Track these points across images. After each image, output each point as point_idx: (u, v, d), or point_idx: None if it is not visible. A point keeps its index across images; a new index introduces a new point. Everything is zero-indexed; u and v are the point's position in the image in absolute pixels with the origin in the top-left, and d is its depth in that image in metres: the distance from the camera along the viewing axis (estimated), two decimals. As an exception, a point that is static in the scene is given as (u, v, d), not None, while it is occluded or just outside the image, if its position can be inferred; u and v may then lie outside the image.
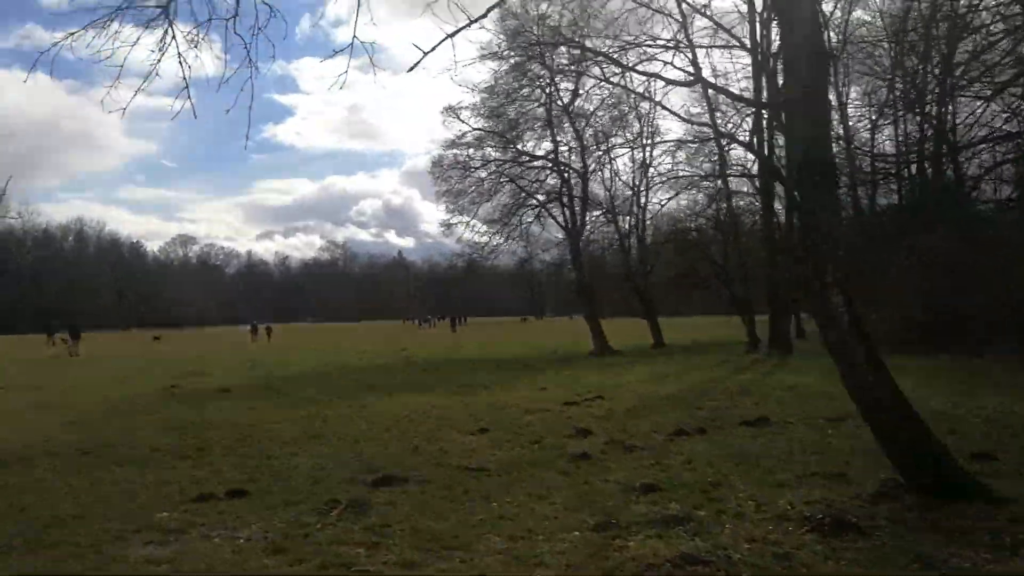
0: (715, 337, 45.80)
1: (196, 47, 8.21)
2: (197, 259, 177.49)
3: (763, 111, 28.27)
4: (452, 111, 35.20)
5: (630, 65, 28.02)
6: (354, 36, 8.26)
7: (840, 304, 6.78)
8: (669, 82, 24.25)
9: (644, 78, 29.04)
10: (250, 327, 65.72)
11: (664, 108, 35.89)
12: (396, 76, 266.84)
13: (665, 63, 28.90)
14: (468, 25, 8.75)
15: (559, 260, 44.05)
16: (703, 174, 41.11)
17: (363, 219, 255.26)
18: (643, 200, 41.88)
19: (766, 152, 31.39)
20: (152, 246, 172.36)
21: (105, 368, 32.20)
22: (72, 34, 7.95)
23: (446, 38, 9.07)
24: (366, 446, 11.85)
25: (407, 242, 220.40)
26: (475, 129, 35.42)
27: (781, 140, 30.00)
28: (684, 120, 36.62)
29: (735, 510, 7.27)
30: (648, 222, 43.11)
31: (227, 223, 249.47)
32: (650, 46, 26.74)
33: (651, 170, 41.48)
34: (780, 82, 22.97)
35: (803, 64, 6.63)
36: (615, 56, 27.54)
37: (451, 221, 37.17)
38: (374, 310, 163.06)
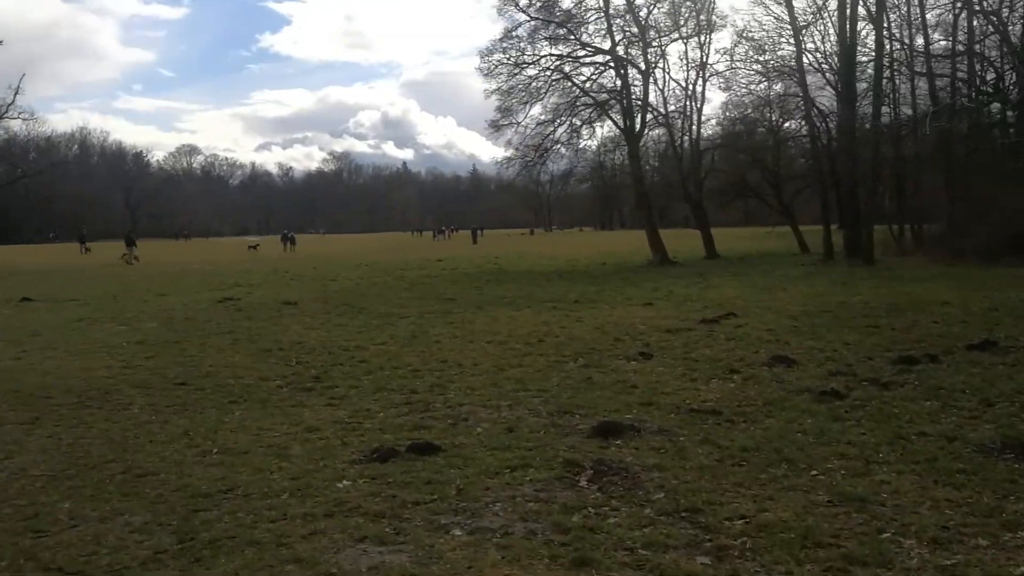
0: (763, 248, 43.52)
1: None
2: (201, 170, 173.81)
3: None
4: (509, -5, 31.78)
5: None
6: None
7: None
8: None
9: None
10: (281, 237, 64.06)
11: None
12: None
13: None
14: None
15: (565, 171, 41.43)
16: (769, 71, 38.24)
17: (361, 130, 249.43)
18: (699, 103, 38.80)
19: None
20: (154, 156, 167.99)
21: (154, 279, 29.68)
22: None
23: None
24: (522, 376, 9.50)
25: (406, 154, 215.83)
26: (533, 18, 32.06)
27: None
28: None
29: None
30: (703, 126, 40.06)
31: (227, 134, 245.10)
32: None
33: (708, 68, 38.41)
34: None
35: None
36: None
37: (500, 122, 34.11)
38: (380, 222, 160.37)
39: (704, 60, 37.89)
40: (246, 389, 8.89)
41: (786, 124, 44.79)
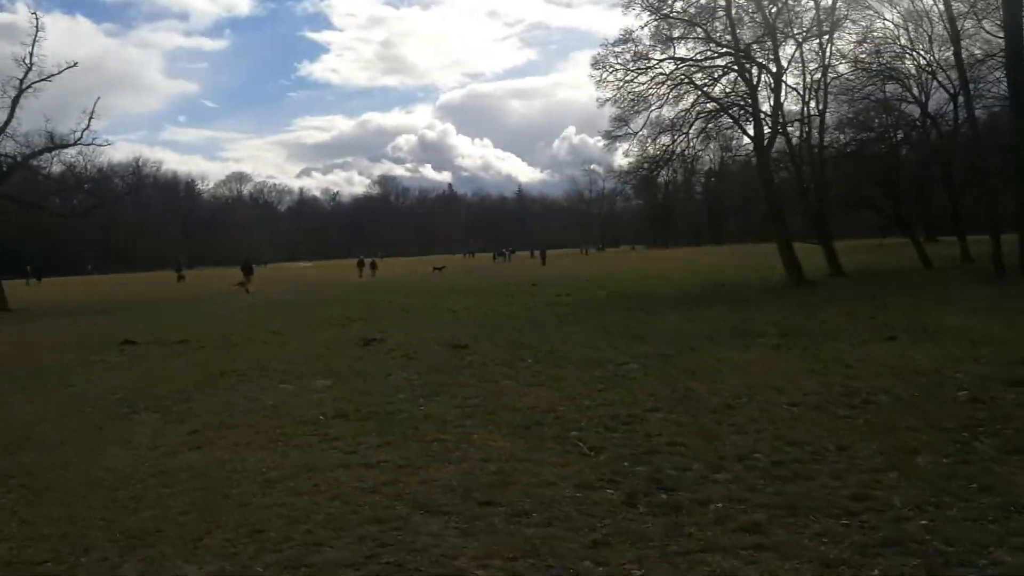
0: (881, 262, 39.93)
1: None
2: (250, 197, 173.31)
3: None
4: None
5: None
6: None
7: None
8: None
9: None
10: (358, 262, 63.07)
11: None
12: (426, 10, 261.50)
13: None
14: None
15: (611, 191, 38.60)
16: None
17: (399, 154, 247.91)
18: (821, 105, 35.40)
19: None
20: (206, 185, 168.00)
21: (249, 312, 27.06)
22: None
23: None
24: (954, 473, 6.37)
25: (444, 176, 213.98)
26: (659, 16, 28.95)
27: None
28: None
29: None
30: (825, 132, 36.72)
31: (269, 161, 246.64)
32: None
33: (830, 71, 35.04)
34: None
35: None
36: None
37: (615, 133, 31.21)
38: (427, 244, 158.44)
39: (827, 63, 34.52)
40: (582, 509, 5.83)
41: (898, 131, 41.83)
